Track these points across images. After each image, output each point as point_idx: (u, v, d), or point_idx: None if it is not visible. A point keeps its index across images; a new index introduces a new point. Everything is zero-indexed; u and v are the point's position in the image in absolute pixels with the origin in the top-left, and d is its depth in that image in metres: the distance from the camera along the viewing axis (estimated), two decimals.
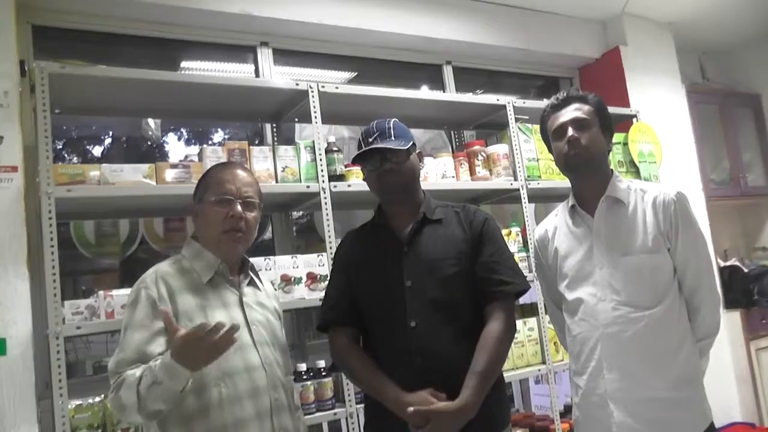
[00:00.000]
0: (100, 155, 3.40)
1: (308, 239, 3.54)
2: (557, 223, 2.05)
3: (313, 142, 2.56)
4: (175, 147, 3.63)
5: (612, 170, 1.99)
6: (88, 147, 3.45)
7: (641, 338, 1.80)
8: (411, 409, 1.63)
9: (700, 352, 1.89)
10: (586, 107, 1.93)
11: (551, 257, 2.04)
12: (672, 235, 1.85)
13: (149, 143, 3.32)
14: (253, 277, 1.86)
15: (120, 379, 1.55)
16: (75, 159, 3.29)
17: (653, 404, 1.79)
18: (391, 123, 1.87)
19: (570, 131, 1.89)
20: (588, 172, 1.93)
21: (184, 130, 3.69)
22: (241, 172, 1.81)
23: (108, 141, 3.49)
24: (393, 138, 1.83)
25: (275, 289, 2.17)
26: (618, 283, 1.84)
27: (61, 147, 3.28)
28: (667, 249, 1.85)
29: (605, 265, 1.87)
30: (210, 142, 3.62)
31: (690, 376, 1.84)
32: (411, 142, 1.86)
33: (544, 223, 2.12)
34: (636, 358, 1.81)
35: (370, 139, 1.84)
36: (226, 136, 3.65)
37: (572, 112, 1.92)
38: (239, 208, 1.73)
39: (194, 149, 2.98)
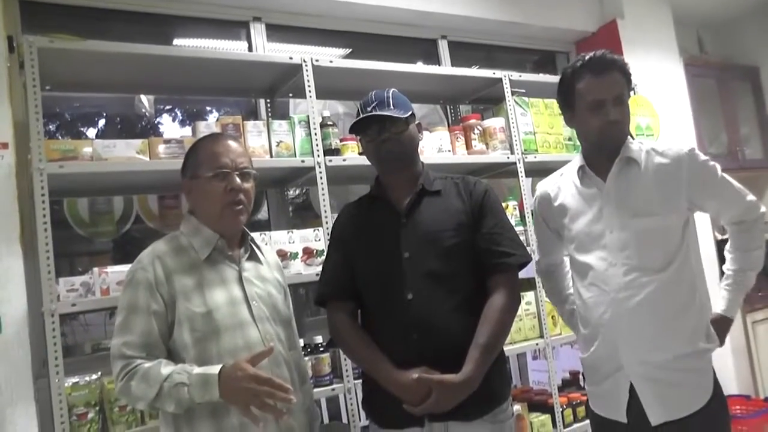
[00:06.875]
0: (93, 136, 3.36)
1: (304, 217, 3.52)
2: (561, 184, 2.01)
3: (308, 116, 2.53)
4: (170, 128, 3.59)
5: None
6: (81, 128, 3.40)
7: (652, 301, 1.79)
8: (415, 375, 1.63)
9: (748, 240, 1.93)
10: (623, 79, 1.86)
11: (556, 215, 2.00)
12: (695, 194, 1.83)
13: (143, 122, 3.28)
14: (255, 249, 1.83)
15: (132, 369, 1.54)
16: (68, 140, 3.24)
17: (666, 365, 1.77)
18: (390, 92, 1.84)
19: (612, 113, 1.82)
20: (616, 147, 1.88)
21: (178, 111, 3.65)
22: (232, 143, 1.78)
23: (101, 121, 3.45)
24: (392, 107, 1.79)
25: None
26: (629, 245, 1.81)
27: (54, 129, 3.24)
28: (686, 208, 1.83)
29: (615, 227, 1.84)
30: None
31: (700, 331, 1.82)
32: (410, 112, 1.83)
33: (545, 182, 2.08)
34: (648, 320, 1.79)
35: (368, 108, 1.80)
36: (221, 116, 3.61)
37: (614, 86, 1.84)
38: (237, 180, 1.71)
39: (188, 130, 2.94)
